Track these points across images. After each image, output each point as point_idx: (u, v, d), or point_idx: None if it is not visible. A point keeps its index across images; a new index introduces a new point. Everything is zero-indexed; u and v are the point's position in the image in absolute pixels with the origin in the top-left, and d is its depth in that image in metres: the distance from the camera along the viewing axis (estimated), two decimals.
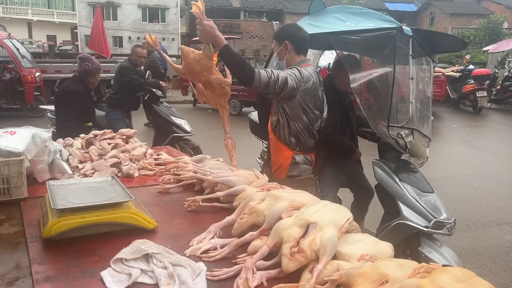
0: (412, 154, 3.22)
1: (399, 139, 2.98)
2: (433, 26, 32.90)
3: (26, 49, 11.14)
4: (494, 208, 5.18)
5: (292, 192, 1.59)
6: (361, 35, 3.11)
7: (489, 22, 30.04)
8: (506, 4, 34.23)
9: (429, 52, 3.32)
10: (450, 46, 3.72)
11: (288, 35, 2.51)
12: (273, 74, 2.28)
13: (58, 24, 39.72)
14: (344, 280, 1.07)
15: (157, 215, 1.65)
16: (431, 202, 2.90)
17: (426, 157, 3.23)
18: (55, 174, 2.13)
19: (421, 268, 1.01)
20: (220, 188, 1.85)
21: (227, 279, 1.20)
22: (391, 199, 2.99)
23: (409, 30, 3.06)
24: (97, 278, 1.19)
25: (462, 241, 4.22)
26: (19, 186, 1.83)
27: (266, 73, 2.26)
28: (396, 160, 3.17)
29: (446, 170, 6.41)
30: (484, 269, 3.73)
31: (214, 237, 1.44)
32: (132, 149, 2.48)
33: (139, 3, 33.75)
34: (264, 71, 2.26)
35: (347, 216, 1.33)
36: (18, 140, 2.00)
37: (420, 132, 3.07)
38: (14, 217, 1.67)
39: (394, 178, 2.98)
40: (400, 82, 3.13)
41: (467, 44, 3.86)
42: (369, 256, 1.17)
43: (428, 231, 2.76)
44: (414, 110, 3.06)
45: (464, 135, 9.73)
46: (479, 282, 0.94)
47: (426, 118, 3.29)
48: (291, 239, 1.21)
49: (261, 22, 34.29)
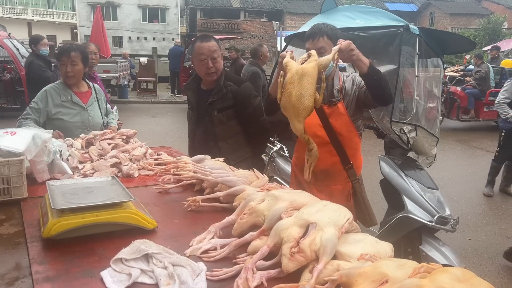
0: (416, 151, 3.24)
1: (402, 135, 3.02)
2: (433, 26, 32.87)
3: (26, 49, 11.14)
4: (494, 208, 5.19)
5: (292, 192, 1.59)
6: (368, 32, 3.17)
7: (489, 22, 30.04)
8: (506, 4, 34.23)
9: (438, 53, 3.36)
10: (459, 46, 3.77)
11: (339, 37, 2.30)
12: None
13: (58, 24, 39.69)
14: (344, 280, 1.07)
15: (157, 215, 1.65)
16: (436, 198, 2.93)
17: (433, 156, 3.25)
18: (55, 174, 2.14)
19: (421, 268, 1.01)
20: (220, 188, 1.85)
21: (227, 279, 1.20)
22: (395, 194, 3.02)
23: (416, 29, 3.11)
24: (97, 278, 1.19)
25: (462, 241, 4.22)
26: (19, 186, 1.83)
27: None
28: (402, 157, 3.21)
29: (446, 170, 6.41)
30: (484, 269, 3.73)
31: (214, 237, 1.44)
32: (132, 149, 2.48)
33: (139, 3, 33.76)
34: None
35: (347, 216, 1.33)
36: (18, 140, 2.00)
37: (426, 130, 3.10)
38: (14, 217, 1.67)
39: (399, 173, 3.02)
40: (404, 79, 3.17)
41: (475, 44, 3.91)
42: (369, 256, 1.17)
43: (432, 225, 2.78)
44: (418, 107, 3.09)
45: (464, 135, 9.73)
46: (479, 282, 0.94)
47: (435, 117, 3.33)
48: (291, 239, 1.21)
49: (261, 22, 34.31)
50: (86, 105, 3.05)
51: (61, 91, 2.99)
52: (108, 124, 3.22)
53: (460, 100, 10.08)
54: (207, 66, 2.63)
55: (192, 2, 34.22)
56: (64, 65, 2.93)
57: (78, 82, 3.07)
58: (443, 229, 2.87)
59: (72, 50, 2.93)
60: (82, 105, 3.02)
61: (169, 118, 11.72)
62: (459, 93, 10.20)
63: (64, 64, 2.93)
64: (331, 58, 1.87)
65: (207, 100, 2.69)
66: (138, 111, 12.48)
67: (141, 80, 15.87)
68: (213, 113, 2.63)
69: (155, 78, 16.19)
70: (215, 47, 2.62)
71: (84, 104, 3.04)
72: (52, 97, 2.95)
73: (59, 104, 2.95)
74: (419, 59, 3.17)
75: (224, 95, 2.68)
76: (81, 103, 3.02)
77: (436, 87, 3.53)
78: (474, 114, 10.17)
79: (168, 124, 10.71)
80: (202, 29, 32.21)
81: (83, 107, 3.03)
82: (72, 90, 3.02)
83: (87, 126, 2.97)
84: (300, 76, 1.77)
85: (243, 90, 2.72)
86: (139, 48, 32.77)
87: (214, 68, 2.64)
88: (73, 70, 2.95)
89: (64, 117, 2.94)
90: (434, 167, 3.45)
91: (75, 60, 2.94)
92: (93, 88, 3.20)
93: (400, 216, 2.91)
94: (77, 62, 2.95)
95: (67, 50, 2.95)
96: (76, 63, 2.95)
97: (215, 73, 2.66)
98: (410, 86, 3.21)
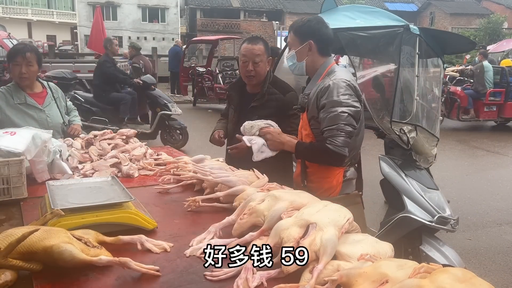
0: (417, 151, 3.24)
1: (402, 135, 3.02)
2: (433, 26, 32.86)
3: None
4: (494, 208, 5.18)
5: (292, 192, 1.59)
6: (368, 32, 3.17)
7: (489, 22, 30.05)
8: (506, 4, 34.23)
9: (438, 53, 3.36)
10: (459, 46, 3.77)
11: (313, 32, 2.14)
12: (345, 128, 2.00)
13: (58, 24, 39.72)
14: (344, 280, 1.07)
15: (157, 215, 1.65)
16: (436, 198, 2.93)
17: (433, 156, 3.25)
18: (55, 174, 2.13)
19: (421, 268, 1.01)
20: (220, 188, 1.85)
21: (227, 279, 1.20)
22: (396, 194, 3.02)
23: (416, 29, 3.11)
24: (97, 278, 1.19)
25: (462, 241, 4.22)
26: (19, 186, 1.83)
27: (338, 135, 2.00)
28: (402, 157, 3.21)
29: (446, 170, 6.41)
30: (484, 269, 3.73)
31: (214, 237, 1.44)
32: (132, 149, 2.48)
33: (139, 3, 33.75)
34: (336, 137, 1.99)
35: (347, 216, 1.33)
36: (18, 140, 2.01)
37: (426, 130, 3.11)
38: (14, 217, 1.67)
39: (400, 173, 3.02)
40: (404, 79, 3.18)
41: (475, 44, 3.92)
42: (369, 256, 1.17)
43: (432, 225, 2.78)
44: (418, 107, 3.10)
45: (464, 135, 9.73)
46: (479, 282, 0.94)
47: (435, 117, 3.33)
48: (291, 239, 1.21)
49: (261, 22, 34.29)
50: (42, 106, 2.89)
51: (14, 93, 2.82)
52: (70, 123, 3.05)
53: (460, 100, 10.07)
54: (247, 68, 2.53)
55: (192, 2, 34.21)
56: (18, 65, 2.76)
57: (32, 84, 2.90)
58: (443, 229, 2.87)
59: (27, 51, 2.76)
60: (37, 107, 2.86)
61: None
62: (459, 93, 10.19)
63: (19, 65, 2.76)
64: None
65: (249, 104, 2.61)
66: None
67: None
68: (254, 119, 2.44)
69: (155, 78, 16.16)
70: (260, 51, 2.50)
71: (40, 105, 2.87)
72: (6, 99, 2.79)
73: (13, 107, 2.79)
74: (419, 59, 3.17)
75: (266, 102, 2.57)
76: (36, 104, 2.86)
77: (436, 87, 3.53)
78: (474, 114, 10.17)
79: None
80: (202, 29, 32.20)
81: (39, 108, 2.86)
82: (25, 92, 2.85)
83: (46, 127, 2.66)
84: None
85: (288, 100, 2.56)
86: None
87: (254, 72, 2.53)
88: (28, 71, 2.79)
89: (19, 120, 2.75)
90: (434, 167, 3.44)
91: (30, 61, 2.78)
92: (48, 87, 3.02)
93: (400, 216, 2.91)
94: (32, 63, 2.80)
95: (22, 50, 2.77)
96: (32, 64, 2.79)
97: (254, 77, 2.55)
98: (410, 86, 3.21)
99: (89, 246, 1.23)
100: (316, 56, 2.16)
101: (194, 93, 13.99)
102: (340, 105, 2.01)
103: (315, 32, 2.14)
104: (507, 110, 10.09)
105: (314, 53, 2.15)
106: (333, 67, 2.18)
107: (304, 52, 2.16)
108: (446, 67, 10.74)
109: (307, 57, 2.16)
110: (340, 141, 1.99)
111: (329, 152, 2.00)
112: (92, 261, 1.18)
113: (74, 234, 1.25)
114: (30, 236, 1.14)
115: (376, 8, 3.58)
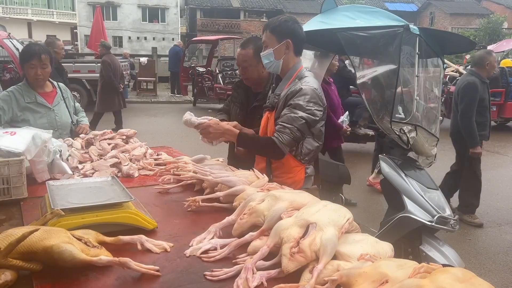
0: (416, 151, 3.25)
1: (402, 135, 3.02)
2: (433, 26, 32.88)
3: None
4: (494, 208, 5.18)
5: (292, 192, 1.59)
6: (368, 32, 3.18)
7: (489, 22, 30.07)
8: (506, 4, 34.25)
9: (438, 53, 3.36)
10: (459, 46, 3.77)
11: (291, 32, 2.19)
12: (296, 132, 2.10)
13: (58, 24, 39.69)
14: (344, 280, 1.07)
15: (157, 215, 1.65)
16: (435, 198, 2.94)
17: (433, 156, 3.25)
18: (55, 174, 2.14)
19: (421, 268, 1.01)
20: (220, 188, 1.85)
21: (227, 279, 1.20)
22: (395, 194, 3.02)
23: (416, 29, 3.11)
24: (97, 278, 1.19)
25: (462, 241, 4.22)
26: (19, 186, 1.83)
27: (288, 135, 2.09)
28: (402, 157, 3.21)
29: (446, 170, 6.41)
30: (484, 269, 3.73)
31: (214, 237, 1.44)
32: (132, 149, 2.48)
33: (139, 3, 33.75)
34: (285, 135, 2.09)
35: (347, 216, 1.33)
36: (18, 140, 2.01)
37: (425, 130, 3.11)
38: (14, 217, 1.67)
39: (400, 173, 3.02)
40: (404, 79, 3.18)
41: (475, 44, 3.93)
42: (369, 256, 1.17)
43: (432, 225, 2.78)
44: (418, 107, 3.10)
45: None
46: (479, 282, 0.94)
47: (434, 117, 3.33)
48: (291, 239, 1.21)
49: (261, 22, 34.28)
50: (52, 105, 2.94)
51: (25, 93, 2.87)
52: (78, 123, 3.12)
53: None
54: (240, 71, 2.66)
55: (192, 2, 34.22)
56: (33, 68, 2.81)
57: (44, 84, 2.97)
58: (443, 229, 2.87)
59: (42, 53, 2.82)
60: (47, 106, 2.91)
61: (169, 118, 11.71)
62: None
63: (34, 67, 2.81)
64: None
65: (253, 103, 2.69)
66: (138, 111, 12.47)
67: (141, 80, 15.88)
68: (256, 118, 2.55)
69: (155, 78, 16.20)
70: (246, 57, 2.54)
71: (50, 104, 2.93)
72: (17, 99, 2.83)
73: (24, 107, 2.84)
74: (419, 59, 3.17)
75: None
76: (46, 103, 2.91)
77: (436, 87, 3.53)
78: None
79: (168, 124, 10.71)
80: (202, 29, 32.21)
81: (49, 107, 2.92)
82: (36, 91, 2.91)
83: (55, 127, 2.85)
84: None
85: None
86: (139, 48, 32.75)
87: (244, 75, 2.64)
88: (43, 72, 2.85)
89: (29, 119, 2.82)
90: (434, 167, 3.45)
91: (45, 63, 2.85)
92: (58, 87, 3.08)
93: (400, 216, 2.91)
94: (47, 65, 2.86)
95: (37, 52, 2.82)
96: (46, 65, 2.86)
97: (246, 79, 2.65)
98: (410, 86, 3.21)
99: (89, 246, 1.23)
100: (291, 55, 2.23)
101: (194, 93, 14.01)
102: (302, 110, 2.11)
103: (293, 31, 2.20)
104: (507, 110, 10.09)
105: (291, 52, 2.22)
106: (302, 70, 2.27)
107: (282, 50, 2.21)
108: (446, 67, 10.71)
109: (284, 55, 2.22)
110: (287, 140, 2.10)
111: (273, 144, 2.10)
112: (92, 261, 1.18)
113: (74, 234, 1.25)
114: (30, 236, 1.14)
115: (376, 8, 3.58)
